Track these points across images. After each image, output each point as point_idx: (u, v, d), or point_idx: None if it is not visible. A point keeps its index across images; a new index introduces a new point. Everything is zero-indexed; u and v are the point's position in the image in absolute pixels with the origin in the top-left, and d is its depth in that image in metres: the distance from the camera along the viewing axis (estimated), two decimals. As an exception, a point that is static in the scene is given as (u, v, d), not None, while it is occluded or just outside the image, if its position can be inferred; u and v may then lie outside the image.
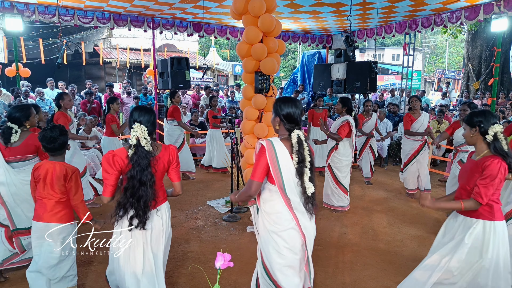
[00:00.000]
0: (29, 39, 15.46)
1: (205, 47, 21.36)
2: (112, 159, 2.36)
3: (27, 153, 3.38)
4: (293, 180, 2.30)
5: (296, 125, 2.36)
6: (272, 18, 4.56)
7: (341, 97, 5.58)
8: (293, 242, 2.33)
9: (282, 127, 2.39)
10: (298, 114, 2.36)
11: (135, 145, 2.37)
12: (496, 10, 6.54)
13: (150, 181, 2.38)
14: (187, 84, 8.63)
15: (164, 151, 2.52)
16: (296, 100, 2.41)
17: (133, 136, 2.36)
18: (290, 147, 2.31)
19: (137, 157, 2.35)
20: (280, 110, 2.37)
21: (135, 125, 2.38)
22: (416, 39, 11.41)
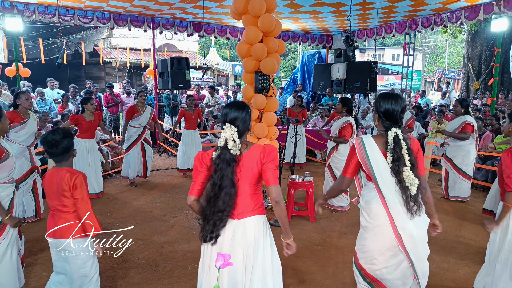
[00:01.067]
0: (29, 39, 15.45)
1: (205, 47, 21.36)
2: (201, 156, 2.17)
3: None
4: (388, 177, 2.25)
5: (395, 123, 2.28)
6: (272, 18, 4.56)
7: (342, 97, 5.58)
8: (383, 239, 2.28)
9: (380, 124, 2.36)
10: (398, 111, 2.27)
11: (221, 148, 2.10)
12: (496, 10, 6.54)
13: (229, 190, 2.07)
14: (187, 84, 8.63)
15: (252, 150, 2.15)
16: (398, 97, 2.31)
17: (223, 137, 2.10)
18: (384, 144, 2.28)
19: (219, 161, 2.08)
20: (379, 107, 2.32)
21: (226, 125, 2.12)
22: (416, 39, 11.40)
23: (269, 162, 2.11)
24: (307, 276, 3.49)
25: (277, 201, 2.14)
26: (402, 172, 2.21)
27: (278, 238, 4.15)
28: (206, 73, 12.19)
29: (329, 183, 5.33)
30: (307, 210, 4.93)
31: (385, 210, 2.25)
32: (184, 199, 5.77)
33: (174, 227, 4.62)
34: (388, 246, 2.27)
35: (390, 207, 2.24)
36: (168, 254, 3.88)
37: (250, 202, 2.14)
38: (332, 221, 4.95)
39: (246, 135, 2.20)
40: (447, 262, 3.81)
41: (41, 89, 9.06)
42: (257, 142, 4.82)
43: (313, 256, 3.91)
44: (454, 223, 4.89)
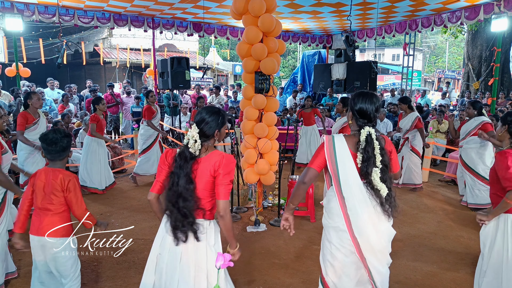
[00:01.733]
0: (29, 39, 15.45)
1: (205, 47, 21.37)
2: (166, 154, 2.22)
3: None
4: (354, 179, 2.18)
5: (369, 121, 2.24)
6: (272, 18, 4.56)
7: (342, 97, 5.59)
8: (341, 241, 2.23)
9: (354, 123, 2.32)
10: (372, 110, 2.23)
11: (184, 146, 2.16)
12: (496, 10, 6.54)
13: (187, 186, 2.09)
14: (187, 84, 8.63)
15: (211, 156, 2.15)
16: (372, 95, 2.28)
17: (187, 137, 2.16)
18: (356, 144, 2.22)
19: (179, 158, 2.13)
20: (353, 105, 2.28)
21: (193, 125, 2.18)
22: (416, 39, 11.41)
23: (223, 175, 2.09)
24: (307, 276, 3.49)
25: (222, 215, 2.11)
26: (371, 173, 2.15)
27: (277, 238, 4.15)
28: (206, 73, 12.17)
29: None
30: (307, 210, 4.93)
31: (341, 212, 2.20)
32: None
33: (174, 227, 4.61)
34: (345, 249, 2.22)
35: (349, 209, 2.17)
36: (168, 254, 3.88)
37: (205, 206, 2.14)
38: (332, 221, 4.95)
39: (212, 141, 2.18)
40: (447, 262, 3.81)
41: (41, 89, 9.07)
42: (257, 142, 4.82)
43: (313, 256, 3.90)
44: (454, 223, 4.89)
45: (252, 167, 4.88)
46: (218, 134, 2.18)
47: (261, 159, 4.81)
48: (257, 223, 4.61)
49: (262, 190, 5.23)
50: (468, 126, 5.31)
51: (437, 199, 5.84)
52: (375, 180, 2.14)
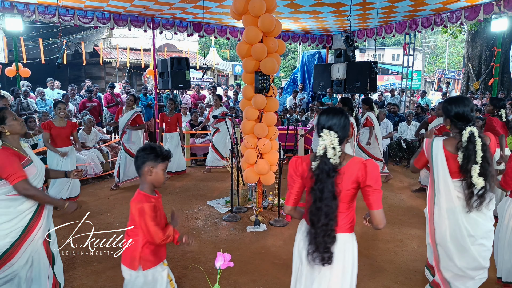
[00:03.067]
0: (29, 39, 15.46)
1: (205, 47, 21.37)
2: (295, 163, 2.05)
3: None
4: (443, 176, 2.50)
5: (468, 122, 2.46)
6: (272, 18, 4.56)
7: (342, 97, 5.59)
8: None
9: (453, 127, 2.55)
10: (468, 111, 2.46)
11: (321, 156, 1.93)
12: (496, 10, 6.54)
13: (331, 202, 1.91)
14: (187, 84, 8.63)
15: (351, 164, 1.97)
16: (464, 99, 2.52)
17: (321, 145, 1.94)
18: (455, 145, 2.48)
19: (319, 171, 1.91)
20: (448, 111, 2.53)
21: (323, 132, 1.95)
22: (416, 39, 11.41)
23: (373, 184, 1.89)
24: (307, 276, 3.49)
25: (380, 228, 1.97)
26: (470, 170, 2.39)
27: (277, 238, 4.15)
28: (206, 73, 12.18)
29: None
30: (307, 210, 4.92)
31: (427, 203, 2.59)
32: (184, 200, 5.77)
33: (174, 227, 4.61)
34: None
35: (436, 203, 2.54)
36: (168, 254, 3.87)
37: (340, 219, 1.97)
38: (332, 221, 4.94)
39: (344, 144, 2.00)
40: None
41: (41, 89, 9.07)
42: (257, 142, 4.82)
43: (313, 256, 3.90)
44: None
45: (252, 167, 4.88)
46: (350, 134, 2.17)
47: (261, 159, 4.82)
48: (257, 223, 4.61)
49: (262, 190, 5.23)
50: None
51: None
52: (473, 176, 2.37)
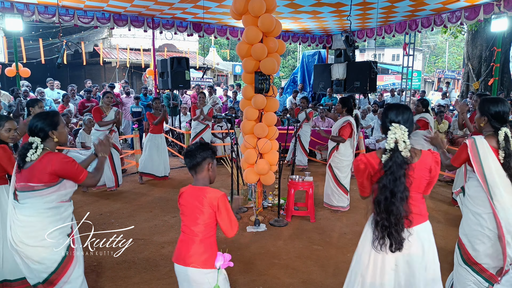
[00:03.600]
0: (29, 39, 15.46)
1: (205, 47, 21.35)
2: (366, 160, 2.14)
3: (31, 180, 2.34)
4: (497, 172, 2.48)
5: (504, 123, 2.56)
6: (272, 18, 4.56)
7: (342, 97, 5.58)
8: (492, 225, 2.50)
9: (488, 125, 2.62)
10: (506, 112, 2.54)
11: (392, 150, 2.03)
12: (496, 10, 6.54)
13: (402, 194, 2.01)
14: (187, 84, 8.63)
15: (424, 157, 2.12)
16: (505, 100, 2.61)
17: (391, 138, 2.04)
18: (496, 143, 2.54)
19: (392, 163, 2.01)
20: (488, 110, 2.60)
21: (393, 126, 2.05)
22: (416, 39, 11.40)
23: (437, 174, 2.14)
24: (307, 276, 3.49)
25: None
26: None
27: (277, 238, 4.14)
28: (206, 73, 12.18)
29: (330, 183, 5.33)
30: (307, 210, 4.93)
31: (488, 200, 2.49)
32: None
33: (174, 227, 4.61)
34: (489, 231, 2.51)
35: (494, 198, 2.48)
36: (168, 254, 3.88)
37: (420, 209, 2.13)
38: (332, 221, 4.95)
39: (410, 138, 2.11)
40: (447, 262, 3.80)
41: (41, 89, 9.06)
42: (257, 142, 4.81)
43: (313, 256, 3.91)
44: (454, 223, 4.89)
45: (252, 167, 4.88)
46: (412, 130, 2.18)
47: (261, 159, 4.81)
48: (257, 223, 4.61)
49: (262, 190, 5.23)
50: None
51: (437, 199, 5.84)
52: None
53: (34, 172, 2.32)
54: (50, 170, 2.31)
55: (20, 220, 2.32)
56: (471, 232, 2.60)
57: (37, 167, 2.33)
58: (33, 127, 2.40)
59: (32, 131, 2.40)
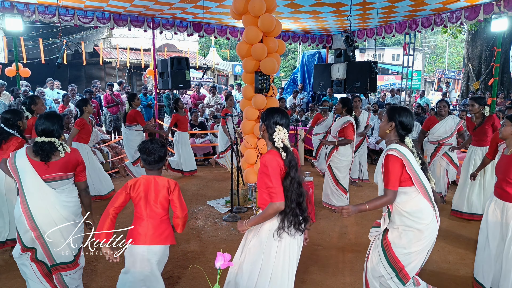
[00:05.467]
0: (29, 39, 15.45)
1: (205, 47, 21.36)
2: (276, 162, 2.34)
3: (67, 170, 2.82)
4: (424, 178, 2.54)
5: (409, 133, 2.61)
6: (272, 18, 4.56)
7: (341, 97, 5.59)
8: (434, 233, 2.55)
9: (394, 133, 2.61)
10: (412, 123, 2.59)
11: (284, 147, 2.38)
12: (496, 10, 6.54)
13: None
14: (187, 84, 8.63)
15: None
16: (410, 110, 2.68)
17: (278, 138, 2.38)
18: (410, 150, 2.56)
19: (290, 157, 2.37)
20: (397, 117, 2.58)
21: (277, 127, 2.40)
22: (416, 39, 11.40)
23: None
24: (307, 276, 3.49)
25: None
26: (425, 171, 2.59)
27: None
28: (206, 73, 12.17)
29: (329, 183, 5.33)
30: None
31: (431, 207, 2.53)
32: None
33: (174, 227, 4.61)
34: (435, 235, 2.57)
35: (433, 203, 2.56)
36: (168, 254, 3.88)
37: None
38: (332, 221, 4.95)
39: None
40: (447, 262, 3.82)
41: (41, 89, 9.06)
42: (257, 142, 4.81)
43: (313, 256, 3.91)
44: (454, 223, 4.89)
45: (252, 167, 4.88)
46: None
47: (261, 159, 4.81)
48: (257, 223, 4.61)
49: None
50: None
51: (437, 199, 5.83)
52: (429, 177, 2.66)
53: (68, 163, 2.80)
54: (76, 161, 2.86)
55: (67, 201, 2.79)
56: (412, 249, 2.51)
57: (69, 159, 2.81)
58: (50, 130, 2.78)
59: (48, 132, 2.77)
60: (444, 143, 5.45)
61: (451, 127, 5.41)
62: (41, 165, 2.71)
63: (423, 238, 2.49)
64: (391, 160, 2.49)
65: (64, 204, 2.76)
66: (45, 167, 2.71)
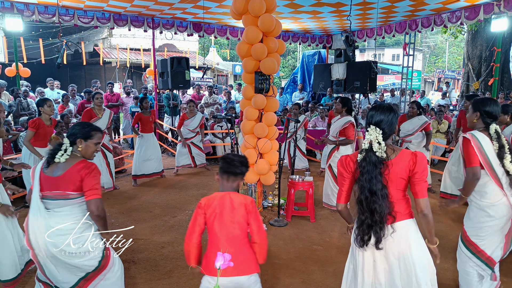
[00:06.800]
0: (29, 39, 15.45)
1: (205, 47, 21.36)
2: (345, 161, 2.19)
3: (68, 188, 2.34)
4: (496, 162, 2.68)
5: (494, 120, 2.77)
6: (272, 18, 4.56)
7: (341, 97, 5.59)
8: (501, 213, 2.68)
9: (480, 121, 2.82)
10: (498, 111, 2.76)
11: (366, 150, 2.11)
12: (496, 10, 6.54)
13: (382, 192, 2.05)
14: (187, 84, 8.63)
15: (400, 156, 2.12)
16: (494, 99, 2.86)
17: (367, 139, 2.13)
18: (489, 136, 2.73)
19: (365, 164, 2.08)
20: (481, 107, 2.80)
21: (370, 127, 2.13)
22: (416, 39, 11.40)
23: (420, 173, 2.06)
24: (307, 276, 3.49)
25: (425, 213, 2.10)
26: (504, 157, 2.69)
27: (277, 238, 4.14)
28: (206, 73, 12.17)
29: (329, 183, 5.33)
30: (307, 210, 4.93)
31: (501, 190, 2.69)
32: (184, 199, 5.77)
33: (174, 227, 4.62)
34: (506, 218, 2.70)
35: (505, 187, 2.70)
36: (168, 254, 3.88)
37: (399, 206, 2.12)
38: (332, 221, 4.95)
39: (391, 139, 2.20)
40: (447, 262, 3.81)
41: (41, 89, 9.06)
42: (257, 142, 4.81)
43: (313, 256, 3.91)
44: (454, 223, 4.89)
45: (252, 167, 4.88)
46: (395, 131, 2.22)
47: (261, 159, 4.81)
48: (257, 223, 4.60)
49: (262, 190, 5.23)
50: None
51: (437, 199, 5.84)
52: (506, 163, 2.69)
53: (70, 179, 2.31)
54: (81, 178, 2.32)
55: (59, 229, 2.30)
56: (478, 225, 2.76)
57: (71, 174, 2.32)
58: (70, 131, 2.46)
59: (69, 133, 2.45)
60: (405, 139, 6.11)
61: (414, 127, 6.04)
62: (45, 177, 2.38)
63: (486, 216, 2.70)
64: (463, 141, 2.76)
65: (56, 231, 2.31)
66: (47, 181, 2.36)
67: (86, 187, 2.34)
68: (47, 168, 2.38)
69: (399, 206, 2.12)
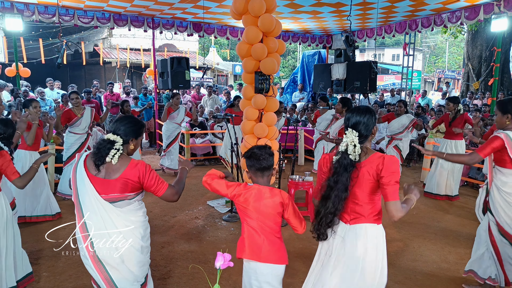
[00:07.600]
0: (29, 39, 15.46)
1: (205, 47, 21.35)
2: (323, 159, 2.25)
3: (126, 191, 2.23)
4: None
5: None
6: (272, 18, 4.56)
7: (342, 97, 5.60)
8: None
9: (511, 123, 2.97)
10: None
11: (342, 152, 2.10)
12: (496, 10, 6.54)
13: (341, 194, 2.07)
14: (187, 84, 8.63)
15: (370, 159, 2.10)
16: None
17: (344, 142, 2.11)
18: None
19: (338, 165, 2.09)
20: (510, 109, 2.94)
21: (348, 130, 2.12)
22: (416, 39, 11.41)
23: (388, 176, 1.99)
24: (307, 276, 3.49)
25: (396, 217, 2.02)
26: None
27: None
28: (206, 73, 12.18)
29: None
30: (307, 210, 4.93)
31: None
32: (184, 199, 5.77)
33: (174, 227, 4.62)
34: None
35: None
36: (168, 254, 3.88)
37: (363, 209, 2.10)
38: (332, 221, 4.95)
39: (368, 141, 2.16)
40: (447, 262, 3.82)
41: (41, 89, 9.07)
42: (257, 142, 4.82)
43: (313, 256, 3.90)
44: (454, 223, 4.89)
45: (252, 167, 4.87)
46: (374, 132, 2.15)
47: (261, 159, 4.81)
48: (257, 223, 4.60)
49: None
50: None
51: (437, 199, 5.84)
52: None
53: (127, 181, 2.20)
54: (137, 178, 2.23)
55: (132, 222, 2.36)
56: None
57: (128, 175, 2.20)
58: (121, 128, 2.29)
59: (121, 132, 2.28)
60: (395, 137, 6.33)
61: (403, 125, 6.24)
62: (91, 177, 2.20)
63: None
64: (494, 137, 2.92)
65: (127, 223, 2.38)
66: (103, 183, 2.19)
67: (151, 185, 2.31)
68: (96, 170, 2.19)
69: (364, 209, 2.09)
